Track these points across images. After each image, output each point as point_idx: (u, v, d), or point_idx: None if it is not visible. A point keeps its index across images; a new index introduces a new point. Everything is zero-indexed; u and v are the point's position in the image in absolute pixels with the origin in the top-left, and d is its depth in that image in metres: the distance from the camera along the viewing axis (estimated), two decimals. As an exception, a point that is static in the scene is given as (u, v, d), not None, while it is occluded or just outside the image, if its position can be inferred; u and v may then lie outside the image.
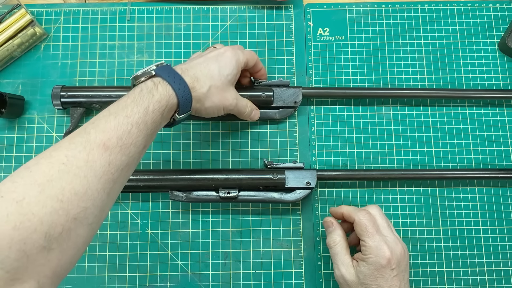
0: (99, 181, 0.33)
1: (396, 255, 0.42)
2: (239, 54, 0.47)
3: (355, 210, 0.45)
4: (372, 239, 0.43)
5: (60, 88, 0.53)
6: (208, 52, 0.48)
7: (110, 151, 0.34)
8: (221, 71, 0.45)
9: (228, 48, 0.48)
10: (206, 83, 0.44)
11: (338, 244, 0.45)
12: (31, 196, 0.30)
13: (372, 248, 0.42)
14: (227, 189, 0.51)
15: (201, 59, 0.46)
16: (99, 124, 0.35)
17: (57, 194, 0.30)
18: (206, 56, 0.46)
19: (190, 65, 0.44)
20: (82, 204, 0.32)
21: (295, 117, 0.57)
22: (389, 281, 0.41)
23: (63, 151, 0.33)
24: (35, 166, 0.31)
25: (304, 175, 0.51)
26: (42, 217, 0.29)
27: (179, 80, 0.41)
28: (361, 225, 0.44)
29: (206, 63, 0.45)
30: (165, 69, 0.41)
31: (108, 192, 0.34)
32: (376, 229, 0.43)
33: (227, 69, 0.46)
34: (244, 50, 0.50)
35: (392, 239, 0.43)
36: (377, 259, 0.42)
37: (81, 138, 0.34)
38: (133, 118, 0.36)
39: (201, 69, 0.44)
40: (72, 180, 0.31)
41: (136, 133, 0.36)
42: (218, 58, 0.46)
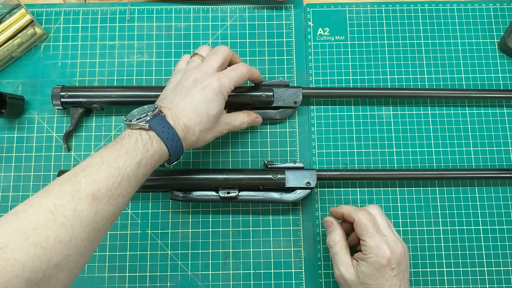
0: (84, 230, 0.34)
1: (397, 254, 0.42)
2: (225, 84, 0.45)
3: (355, 210, 0.45)
4: (372, 238, 0.43)
5: (60, 88, 0.53)
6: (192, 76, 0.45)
7: (98, 201, 0.35)
8: (209, 111, 0.44)
9: (213, 78, 0.45)
10: (196, 130, 0.43)
11: (338, 243, 0.45)
12: (15, 242, 0.30)
13: (372, 248, 0.42)
14: (227, 189, 0.51)
15: (187, 98, 0.44)
16: (90, 174, 0.35)
17: (41, 242, 0.31)
18: (191, 93, 0.44)
19: (180, 109, 0.43)
20: (66, 252, 0.32)
21: (295, 117, 0.57)
22: (389, 280, 0.41)
23: (52, 200, 0.33)
24: (23, 213, 0.32)
25: (304, 175, 0.51)
26: (24, 263, 0.30)
27: (172, 136, 0.41)
28: (361, 224, 0.44)
29: (193, 104, 0.43)
30: (159, 123, 0.40)
31: (92, 240, 0.35)
32: (376, 229, 0.43)
33: (214, 108, 0.44)
34: (231, 72, 0.46)
35: (392, 238, 0.43)
36: (377, 258, 0.42)
37: (71, 187, 0.34)
38: (125, 171, 0.37)
39: (190, 115, 0.43)
40: (58, 228, 0.32)
41: (125, 185, 0.37)
42: (204, 95, 0.44)
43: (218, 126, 0.47)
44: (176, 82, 0.46)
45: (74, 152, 0.56)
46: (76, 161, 0.55)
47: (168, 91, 0.46)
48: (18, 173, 0.55)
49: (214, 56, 0.47)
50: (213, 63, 0.46)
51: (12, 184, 0.54)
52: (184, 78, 0.46)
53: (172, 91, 0.45)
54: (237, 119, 0.50)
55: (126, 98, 0.53)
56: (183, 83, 0.45)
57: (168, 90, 0.46)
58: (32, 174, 0.55)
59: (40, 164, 0.55)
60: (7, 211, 0.53)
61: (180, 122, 0.42)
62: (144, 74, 0.58)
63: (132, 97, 0.53)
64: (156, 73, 0.58)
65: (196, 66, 0.47)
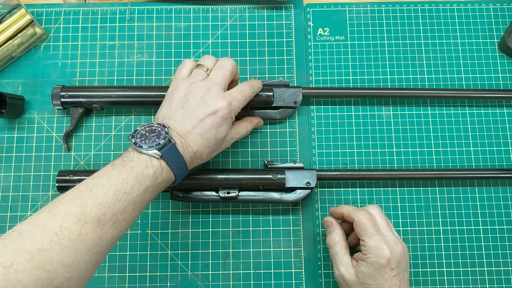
0: (87, 253, 0.34)
1: (396, 255, 0.42)
2: (235, 108, 0.45)
3: (354, 210, 0.45)
4: (371, 238, 0.43)
5: (60, 88, 0.53)
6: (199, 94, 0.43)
7: (103, 225, 0.35)
8: (217, 136, 0.44)
9: (223, 103, 0.43)
10: (203, 154, 0.43)
11: (338, 244, 0.45)
12: (19, 263, 0.30)
13: (372, 248, 0.42)
14: (227, 189, 0.51)
15: (196, 123, 0.42)
16: (97, 197, 0.35)
17: (45, 264, 0.31)
18: (201, 117, 0.43)
19: (189, 134, 0.42)
20: (67, 275, 0.32)
21: (295, 117, 0.57)
22: (389, 281, 0.41)
23: (58, 222, 0.33)
24: (28, 233, 0.32)
25: (304, 175, 0.51)
26: (26, 285, 0.30)
27: (181, 165, 0.41)
28: (361, 225, 0.44)
29: (203, 130, 0.42)
30: (171, 152, 0.40)
31: (94, 263, 0.35)
32: (376, 229, 0.43)
33: (223, 132, 0.44)
34: (239, 96, 0.46)
35: (392, 238, 0.43)
36: (376, 258, 0.42)
37: (77, 209, 0.34)
38: (132, 196, 0.37)
39: (199, 141, 0.42)
40: (62, 251, 0.32)
41: (131, 210, 0.37)
42: (214, 121, 0.43)
43: (224, 144, 0.47)
44: (182, 98, 0.44)
45: (74, 152, 0.56)
46: (76, 161, 0.55)
47: (173, 107, 0.44)
48: (18, 173, 0.55)
49: (221, 72, 0.45)
50: (221, 81, 0.45)
51: (12, 184, 0.54)
52: (191, 95, 0.44)
53: (178, 109, 0.43)
54: (241, 131, 0.50)
55: (126, 98, 0.53)
56: (191, 102, 0.43)
57: (173, 106, 0.44)
58: (32, 174, 0.55)
59: (40, 164, 0.55)
60: (7, 211, 0.53)
61: (189, 149, 0.42)
62: (144, 74, 0.58)
63: (132, 97, 0.53)
64: (156, 73, 0.58)
65: (202, 82, 0.45)
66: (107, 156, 0.55)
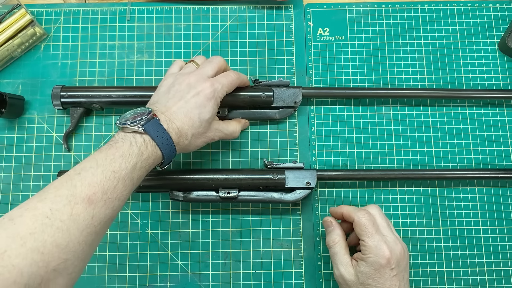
0: (81, 233, 0.34)
1: (396, 254, 0.42)
2: (218, 90, 0.46)
3: (354, 210, 0.45)
4: (371, 238, 0.43)
5: (60, 88, 0.53)
6: (186, 80, 0.46)
7: (94, 205, 0.35)
8: (201, 116, 0.44)
9: (206, 84, 0.45)
10: (188, 134, 0.44)
11: (337, 243, 0.45)
12: (12, 248, 0.30)
13: (372, 248, 0.42)
14: (227, 189, 0.51)
15: (181, 103, 0.44)
16: (85, 177, 0.35)
17: (38, 247, 0.31)
18: (185, 97, 0.44)
19: (173, 113, 0.43)
20: (63, 256, 0.32)
21: (295, 117, 0.57)
22: (389, 280, 0.41)
23: (48, 204, 0.33)
24: (19, 218, 0.32)
25: (304, 175, 0.51)
26: (22, 269, 0.30)
27: (166, 140, 0.41)
28: (361, 224, 0.44)
29: (186, 108, 0.44)
30: (154, 127, 0.41)
31: (90, 244, 0.35)
32: (376, 229, 0.43)
33: (206, 113, 0.45)
34: (223, 79, 0.47)
35: (392, 238, 0.43)
36: (376, 258, 0.42)
37: (67, 191, 0.34)
38: (120, 174, 0.37)
39: (183, 119, 0.43)
40: (54, 233, 0.32)
41: (121, 188, 0.37)
42: (198, 100, 0.44)
43: (210, 132, 0.47)
44: (169, 85, 0.46)
45: (74, 152, 0.56)
46: (76, 161, 0.55)
47: (160, 94, 0.46)
48: (18, 173, 0.55)
49: (209, 64, 0.48)
50: (208, 70, 0.47)
51: (12, 184, 0.54)
52: (177, 82, 0.46)
53: (165, 94, 0.46)
54: (229, 127, 0.50)
55: (126, 98, 0.53)
56: (177, 87, 0.45)
57: (161, 93, 0.46)
58: (32, 174, 0.55)
59: (40, 164, 0.55)
60: (7, 211, 0.53)
61: (174, 126, 0.42)
62: (144, 74, 0.58)
63: (132, 97, 0.53)
64: (156, 73, 0.58)
65: (190, 72, 0.47)
66: (107, 156, 0.55)
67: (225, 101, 0.51)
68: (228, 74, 0.49)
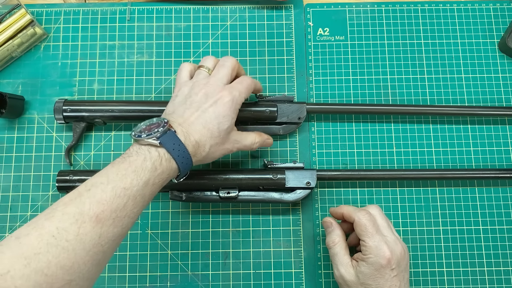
0: (87, 253, 0.33)
1: (396, 255, 0.42)
2: (236, 97, 0.44)
3: (355, 210, 0.45)
4: (372, 239, 0.43)
5: (63, 102, 0.53)
6: (202, 90, 0.44)
7: (102, 223, 0.34)
8: (220, 126, 0.43)
9: (224, 92, 0.44)
10: (206, 146, 0.42)
11: (337, 244, 0.45)
12: (16, 269, 0.29)
13: (372, 248, 0.42)
14: (227, 189, 0.51)
15: (199, 113, 0.43)
16: (95, 194, 0.34)
17: (42, 268, 0.30)
18: (203, 107, 0.43)
19: (191, 124, 0.42)
20: (67, 277, 0.31)
21: (295, 117, 0.57)
22: (389, 281, 0.41)
23: (55, 222, 0.32)
24: (25, 237, 0.31)
25: (304, 175, 0.51)
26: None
27: (183, 153, 0.40)
28: (361, 225, 0.44)
29: (204, 119, 0.42)
30: (170, 139, 0.39)
31: (97, 264, 0.34)
32: (376, 229, 0.43)
33: (226, 122, 0.43)
34: (240, 85, 0.46)
35: (392, 239, 0.43)
36: (377, 259, 0.42)
37: (75, 209, 0.33)
38: (131, 191, 0.36)
39: (201, 130, 0.42)
40: (59, 254, 0.31)
41: (131, 206, 0.36)
42: (216, 110, 0.43)
43: (228, 143, 0.45)
44: (185, 95, 0.45)
45: (74, 152, 0.56)
46: (76, 161, 0.55)
47: (176, 104, 0.44)
48: (18, 173, 0.55)
49: (222, 69, 0.46)
50: (223, 77, 0.45)
51: (12, 184, 0.54)
52: (193, 92, 0.44)
53: (181, 104, 0.44)
54: (248, 138, 0.48)
55: (128, 112, 0.53)
56: (193, 98, 0.44)
57: (177, 103, 0.44)
58: (32, 174, 0.55)
59: (40, 164, 0.55)
60: (7, 211, 0.53)
61: (191, 138, 0.41)
62: (144, 74, 0.58)
63: (135, 111, 0.53)
64: (156, 73, 0.58)
65: (204, 80, 0.45)
66: (107, 156, 0.55)
67: None
68: (244, 80, 0.47)
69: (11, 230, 0.53)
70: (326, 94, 0.58)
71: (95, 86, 0.58)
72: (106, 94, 0.57)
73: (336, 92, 0.58)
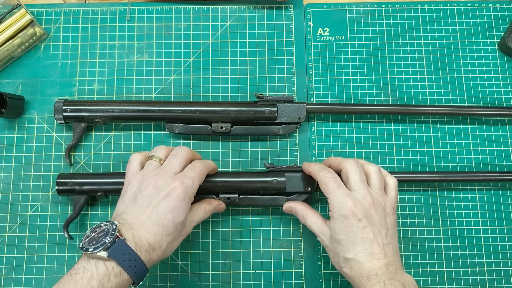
0: None
1: (362, 205, 0.41)
2: (189, 186, 0.42)
3: (321, 167, 0.46)
4: (333, 193, 0.43)
5: (63, 102, 0.53)
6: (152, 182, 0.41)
7: None
8: (175, 219, 0.40)
9: (176, 183, 0.41)
10: (163, 244, 0.40)
11: (307, 216, 0.47)
12: None
13: (335, 203, 0.42)
14: (227, 194, 0.51)
15: (150, 209, 0.40)
16: None
17: None
18: (154, 202, 0.40)
19: (143, 224, 0.39)
20: None
21: (295, 117, 0.57)
22: (359, 233, 0.41)
23: None
24: None
25: (304, 179, 0.51)
26: None
27: (135, 262, 0.37)
28: (322, 183, 0.44)
29: (157, 215, 0.40)
30: (120, 250, 0.37)
31: None
32: (338, 184, 0.43)
33: (181, 215, 0.41)
34: (191, 173, 0.43)
35: (361, 193, 0.42)
36: (340, 211, 0.42)
37: None
38: None
39: (155, 230, 0.39)
40: None
41: None
42: (169, 203, 0.40)
43: (184, 229, 0.43)
44: (135, 191, 0.42)
45: (74, 152, 0.56)
46: (76, 161, 0.55)
47: (126, 201, 0.42)
48: (18, 173, 0.55)
49: (175, 159, 0.44)
50: (175, 167, 0.43)
51: (12, 184, 0.54)
52: (143, 185, 0.42)
53: (130, 201, 0.41)
54: (200, 213, 0.46)
55: (129, 112, 0.53)
56: (144, 192, 0.41)
57: (127, 200, 0.42)
58: (32, 174, 0.55)
59: (40, 164, 0.55)
60: (7, 211, 0.53)
61: (144, 242, 0.38)
62: (144, 74, 0.58)
63: (135, 111, 0.53)
64: (156, 73, 0.58)
65: (155, 171, 0.43)
66: (107, 156, 0.55)
67: (229, 117, 0.52)
68: (194, 165, 0.44)
69: (11, 230, 0.53)
70: (326, 94, 0.58)
71: (95, 86, 0.58)
72: (106, 94, 0.57)
73: (336, 92, 0.58)
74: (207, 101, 0.57)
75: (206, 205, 0.47)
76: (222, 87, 0.58)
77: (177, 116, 0.53)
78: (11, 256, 0.52)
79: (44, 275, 0.52)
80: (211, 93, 0.58)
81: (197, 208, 0.46)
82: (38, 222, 0.53)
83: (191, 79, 0.58)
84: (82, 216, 0.54)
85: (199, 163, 0.45)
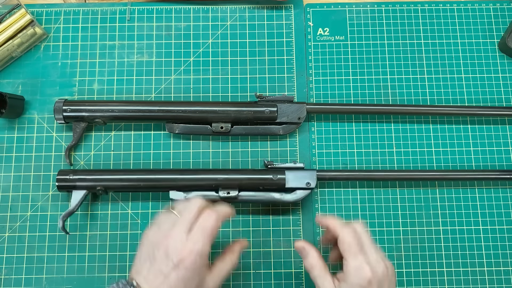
0: None
1: (378, 275, 0.41)
2: (200, 250, 0.40)
3: (341, 225, 0.44)
4: (354, 259, 0.41)
5: (63, 102, 0.53)
6: (163, 244, 0.40)
7: None
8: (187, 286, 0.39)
9: (184, 250, 0.39)
10: None
11: (316, 267, 0.44)
12: None
13: (354, 269, 0.41)
14: (227, 189, 0.51)
15: (162, 279, 0.39)
16: None
17: None
18: (164, 272, 0.39)
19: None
20: None
21: (295, 117, 0.57)
22: None
23: None
24: None
25: (304, 176, 0.51)
26: None
27: None
28: (345, 243, 0.42)
29: (169, 285, 0.39)
30: None
31: None
32: (360, 248, 0.42)
33: (192, 283, 0.40)
34: (205, 232, 0.41)
35: (375, 258, 0.42)
36: (358, 280, 0.40)
37: None
38: None
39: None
40: None
41: None
42: (179, 274, 0.39)
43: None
44: (148, 248, 0.41)
45: (74, 152, 0.56)
46: (76, 161, 0.55)
47: (142, 259, 0.41)
48: (18, 173, 0.55)
49: (184, 215, 0.42)
50: (184, 225, 0.41)
51: (12, 184, 0.54)
52: (156, 246, 0.41)
53: (145, 262, 0.41)
54: (224, 268, 0.44)
55: (129, 112, 0.53)
56: (156, 254, 0.40)
57: (142, 258, 0.41)
58: (32, 174, 0.55)
59: (40, 164, 0.55)
60: (7, 211, 0.53)
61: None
62: (144, 74, 0.58)
63: (135, 111, 0.53)
64: (156, 73, 0.58)
65: (167, 230, 0.41)
66: (107, 156, 0.55)
67: (229, 117, 0.51)
68: (205, 220, 0.42)
69: (11, 230, 0.53)
70: (326, 94, 0.58)
71: (95, 86, 0.58)
72: (106, 94, 0.57)
73: (336, 92, 0.58)
74: (207, 101, 0.57)
75: (230, 256, 0.45)
76: (222, 87, 0.58)
77: (177, 116, 0.53)
78: (11, 256, 0.53)
79: (44, 275, 0.52)
80: (211, 93, 0.58)
81: (219, 266, 0.44)
82: (38, 222, 0.53)
83: (191, 79, 0.58)
84: (82, 216, 0.54)
85: (210, 217, 0.42)
